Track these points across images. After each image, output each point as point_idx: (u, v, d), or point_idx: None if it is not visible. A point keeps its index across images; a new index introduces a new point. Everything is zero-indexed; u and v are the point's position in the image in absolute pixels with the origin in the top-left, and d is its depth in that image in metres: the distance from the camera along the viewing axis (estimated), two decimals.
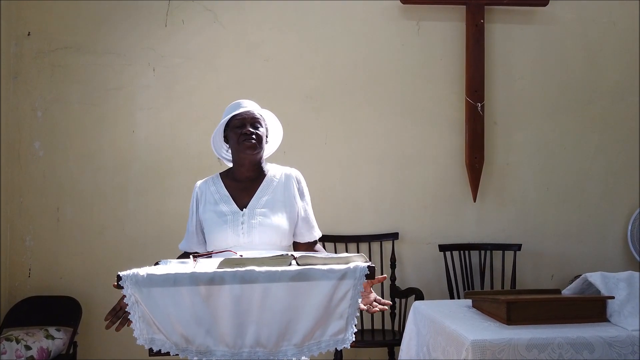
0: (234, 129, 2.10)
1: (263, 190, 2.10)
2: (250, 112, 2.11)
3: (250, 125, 2.09)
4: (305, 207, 2.16)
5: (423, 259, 3.53)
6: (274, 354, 1.53)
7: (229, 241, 2.02)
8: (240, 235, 2.02)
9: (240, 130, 2.09)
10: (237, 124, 2.10)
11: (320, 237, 2.21)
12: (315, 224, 2.20)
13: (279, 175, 2.15)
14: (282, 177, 2.15)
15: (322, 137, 3.50)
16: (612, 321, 2.00)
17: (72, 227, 3.41)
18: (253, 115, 2.12)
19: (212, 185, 2.15)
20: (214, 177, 2.20)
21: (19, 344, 2.87)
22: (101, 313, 3.33)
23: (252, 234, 2.02)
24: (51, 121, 3.43)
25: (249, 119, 2.10)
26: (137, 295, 1.54)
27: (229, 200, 2.09)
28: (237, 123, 2.10)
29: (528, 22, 3.60)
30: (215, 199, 2.11)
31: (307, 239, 2.16)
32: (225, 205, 2.08)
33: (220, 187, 2.14)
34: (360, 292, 1.56)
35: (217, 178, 2.18)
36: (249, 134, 2.07)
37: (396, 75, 3.55)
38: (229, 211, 2.06)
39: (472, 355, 1.78)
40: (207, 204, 2.11)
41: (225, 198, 2.10)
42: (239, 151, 2.10)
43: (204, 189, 2.16)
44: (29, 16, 3.43)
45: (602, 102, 3.63)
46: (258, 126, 2.11)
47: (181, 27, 3.48)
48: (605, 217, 3.61)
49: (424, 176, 3.55)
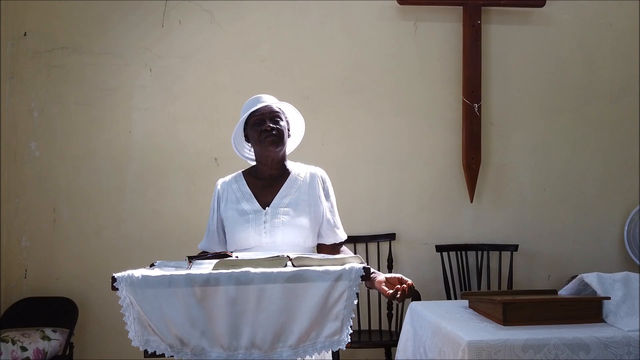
0: (254, 127, 2.02)
1: (287, 189, 2.03)
2: (269, 106, 2.03)
3: (270, 120, 2.01)
4: (330, 207, 2.09)
5: (420, 260, 3.52)
6: (269, 355, 1.53)
7: (250, 241, 1.95)
8: (263, 235, 1.94)
9: (260, 127, 2.00)
10: (256, 121, 2.02)
11: (345, 239, 2.12)
12: (341, 226, 2.12)
13: (303, 174, 2.08)
14: (307, 176, 2.07)
15: (319, 137, 3.49)
16: (608, 322, 2.00)
17: (68, 228, 3.40)
18: (272, 109, 2.03)
19: (235, 183, 2.08)
20: (237, 175, 2.12)
21: (15, 345, 2.86)
22: (97, 314, 3.36)
23: (274, 234, 1.94)
24: (47, 121, 3.42)
25: (267, 114, 2.02)
26: (132, 296, 1.53)
27: (252, 198, 2.02)
28: (257, 120, 2.01)
29: (525, 23, 3.60)
30: (237, 197, 2.04)
31: (332, 240, 2.08)
32: (248, 204, 2.01)
33: (243, 185, 2.06)
34: (355, 293, 1.56)
35: (240, 176, 2.11)
36: (270, 129, 1.99)
37: (393, 75, 3.55)
38: (251, 209, 1.99)
39: (469, 355, 1.78)
40: (229, 202, 2.04)
41: (247, 196, 2.03)
42: (261, 149, 2.02)
43: (226, 187, 2.08)
44: (25, 16, 3.42)
45: (599, 102, 3.64)
46: (278, 120, 2.03)
47: (178, 28, 3.48)
48: (601, 217, 3.62)
49: (420, 177, 3.54)
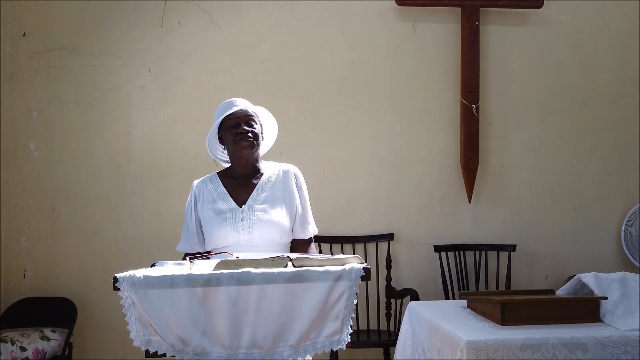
0: (229, 129, 2.08)
1: (261, 187, 2.08)
2: (243, 110, 2.09)
3: (244, 123, 2.07)
4: (303, 202, 2.14)
5: (418, 260, 3.54)
6: (270, 355, 1.54)
7: (229, 239, 2.00)
8: (240, 232, 1.99)
9: (235, 130, 2.06)
10: (231, 124, 2.07)
11: (315, 234, 2.16)
12: (312, 221, 2.16)
13: (276, 172, 2.14)
14: (280, 173, 2.14)
15: (318, 138, 3.50)
16: (605, 321, 2.01)
17: (67, 228, 3.41)
18: (247, 113, 2.09)
19: (210, 183, 2.13)
20: (212, 176, 2.18)
21: (14, 345, 2.86)
22: (97, 314, 3.36)
23: (252, 231, 1.99)
24: (47, 122, 3.42)
25: (242, 118, 2.08)
26: (134, 296, 1.54)
27: (227, 197, 2.07)
28: (232, 123, 2.07)
29: (523, 24, 3.62)
30: (213, 197, 2.09)
31: (302, 235, 2.13)
32: (224, 203, 2.06)
33: (218, 185, 2.12)
34: (355, 293, 1.57)
35: (215, 177, 2.17)
36: (245, 132, 2.05)
37: (391, 76, 3.56)
38: (228, 208, 2.04)
39: (467, 355, 1.79)
40: (205, 202, 2.09)
41: (223, 195, 2.08)
42: (236, 151, 2.08)
43: (202, 187, 2.14)
44: (24, 16, 3.42)
45: (596, 103, 3.65)
46: (253, 124, 2.09)
47: (177, 28, 3.48)
48: (599, 217, 3.63)
49: (419, 177, 3.56)
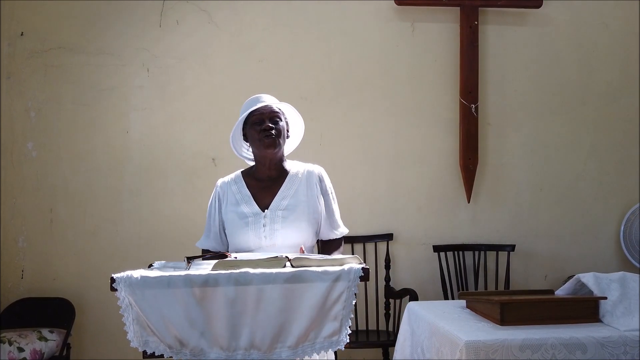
0: (253, 126, 2.02)
1: (285, 190, 2.04)
2: (269, 106, 2.04)
3: (269, 120, 2.02)
4: (328, 204, 2.10)
5: (417, 260, 3.53)
6: (268, 355, 1.53)
7: (250, 244, 1.97)
8: (262, 238, 1.96)
9: (259, 127, 2.01)
10: (255, 121, 2.02)
11: (344, 234, 2.15)
12: (340, 222, 2.14)
13: (301, 173, 2.08)
14: (305, 175, 2.08)
15: (317, 138, 3.50)
16: (605, 322, 2.01)
17: (65, 228, 3.40)
18: (272, 109, 2.04)
19: (234, 184, 2.09)
20: (236, 176, 2.13)
21: (12, 345, 2.85)
22: (95, 315, 3.35)
23: (274, 237, 1.96)
24: (44, 121, 3.41)
25: (267, 114, 2.02)
26: (131, 297, 1.54)
27: (251, 200, 2.03)
28: (256, 119, 2.02)
29: (522, 24, 3.61)
30: (237, 199, 2.05)
31: (331, 236, 2.12)
32: (247, 206, 2.02)
33: (242, 186, 2.07)
34: (354, 293, 1.56)
35: (239, 177, 2.12)
36: (269, 129, 1.99)
37: (390, 76, 3.55)
38: (251, 212, 2.00)
39: (466, 355, 1.78)
40: (229, 205, 2.05)
41: (246, 198, 2.04)
42: (259, 149, 2.03)
43: (226, 188, 2.09)
44: (22, 16, 3.41)
45: (595, 103, 3.65)
46: (277, 120, 2.04)
47: (175, 28, 3.47)
48: (598, 218, 3.63)
49: (418, 177, 3.55)
